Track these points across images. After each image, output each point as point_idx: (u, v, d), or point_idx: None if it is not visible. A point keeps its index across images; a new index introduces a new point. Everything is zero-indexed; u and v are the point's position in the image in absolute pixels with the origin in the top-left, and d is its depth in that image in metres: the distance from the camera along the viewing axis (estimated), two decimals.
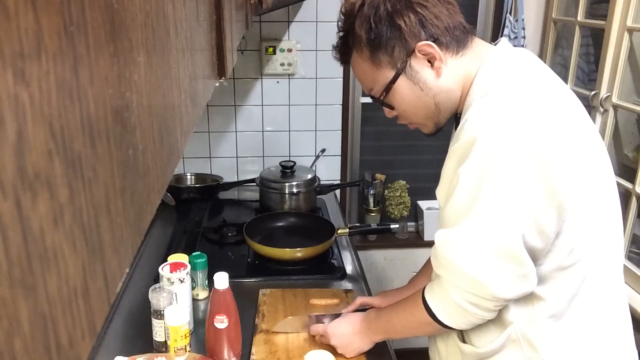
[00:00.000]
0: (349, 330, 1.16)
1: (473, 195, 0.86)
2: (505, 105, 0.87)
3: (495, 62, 0.96)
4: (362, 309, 1.27)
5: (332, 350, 1.15)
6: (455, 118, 1.06)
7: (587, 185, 0.90)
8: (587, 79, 2.25)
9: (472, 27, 1.02)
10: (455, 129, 1.06)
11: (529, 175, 0.84)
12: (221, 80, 0.75)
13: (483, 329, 0.97)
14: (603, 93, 1.98)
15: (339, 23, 1.05)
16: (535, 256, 0.89)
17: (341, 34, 1.05)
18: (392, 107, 1.04)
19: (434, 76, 0.98)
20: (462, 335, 1.02)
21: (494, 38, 2.28)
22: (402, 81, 0.98)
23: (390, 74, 0.98)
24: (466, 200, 0.87)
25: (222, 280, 1.11)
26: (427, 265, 1.31)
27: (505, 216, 0.85)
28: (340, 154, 2.31)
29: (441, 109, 1.01)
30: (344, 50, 1.05)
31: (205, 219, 1.94)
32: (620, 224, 0.99)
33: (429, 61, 0.97)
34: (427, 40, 0.95)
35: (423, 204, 2.52)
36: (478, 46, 1.00)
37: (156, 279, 1.34)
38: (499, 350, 0.97)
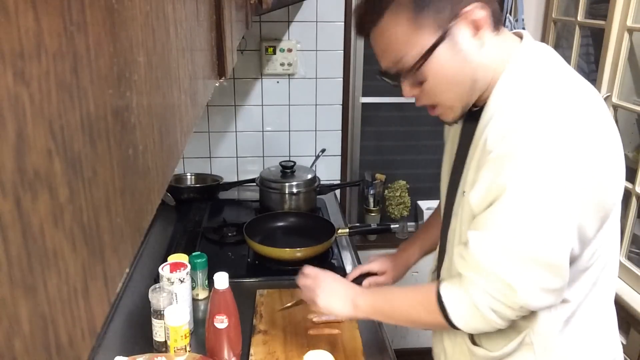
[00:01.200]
0: (340, 290, 1.09)
1: (522, 205, 0.83)
2: (551, 116, 0.82)
3: (524, 62, 0.90)
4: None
5: (331, 349, 1.15)
6: (469, 112, 0.98)
7: (619, 190, 0.90)
8: (587, 79, 2.24)
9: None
10: (458, 121, 0.99)
11: (581, 189, 0.82)
12: (221, 80, 0.75)
13: (498, 332, 0.95)
14: (603, 93, 1.98)
15: None
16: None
17: None
18: (421, 82, 0.89)
19: (477, 47, 0.88)
20: (473, 337, 1.01)
21: None
22: (443, 48, 0.86)
23: (432, 38, 0.85)
24: (515, 208, 0.83)
25: (222, 280, 1.11)
26: (428, 224, 1.36)
27: (557, 229, 0.83)
28: (340, 154, 2.31)
29: (476, 88, 0.90)
30: (374, 11, 0.89)
31: (205, 219, 1.94)
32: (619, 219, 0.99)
33: (475, 28, 0.87)
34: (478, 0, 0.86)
35: (423, 204, 2.52)
36: (506, 36, 0.93)
37: (156, 279, 1.34)
38: (511, 353, 0.95)
